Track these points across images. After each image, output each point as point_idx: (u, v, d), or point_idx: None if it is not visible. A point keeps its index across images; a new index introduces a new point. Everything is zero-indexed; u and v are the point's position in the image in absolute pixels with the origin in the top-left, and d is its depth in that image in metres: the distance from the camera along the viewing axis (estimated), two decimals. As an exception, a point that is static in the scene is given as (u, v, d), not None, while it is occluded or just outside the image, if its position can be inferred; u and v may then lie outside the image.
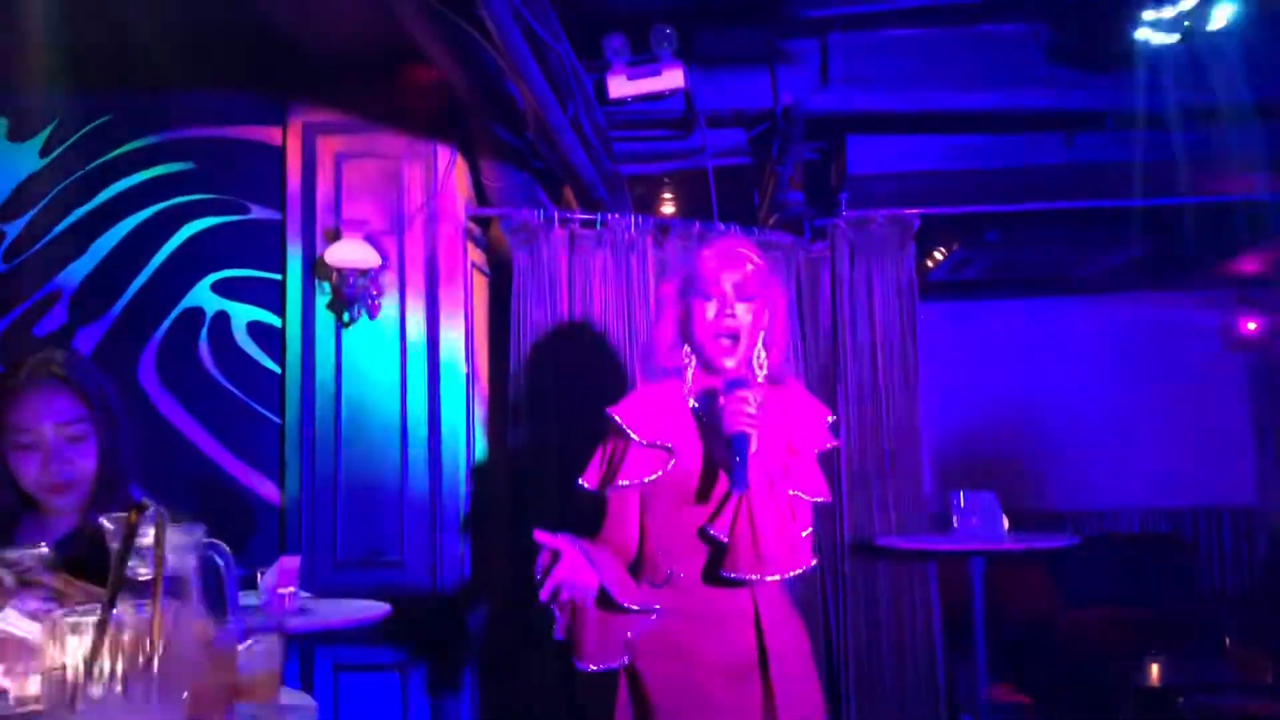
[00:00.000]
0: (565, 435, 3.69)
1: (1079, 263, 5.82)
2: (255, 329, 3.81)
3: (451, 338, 3.74)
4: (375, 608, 2.76)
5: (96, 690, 1.12)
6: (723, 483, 2.07)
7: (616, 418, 2.19)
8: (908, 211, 4.14)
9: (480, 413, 3.92)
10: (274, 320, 3.80)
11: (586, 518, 3.61)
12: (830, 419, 2.25)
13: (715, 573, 2.08)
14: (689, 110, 3.85)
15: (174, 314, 3.82)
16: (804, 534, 2.11)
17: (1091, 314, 6.83)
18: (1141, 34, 3.41)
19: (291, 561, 2.46)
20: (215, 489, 3.74)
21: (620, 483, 2.15)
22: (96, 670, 1.11)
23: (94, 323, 3.83)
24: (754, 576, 2.02)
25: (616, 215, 3.86)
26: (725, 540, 2.03)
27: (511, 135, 3.73)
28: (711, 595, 2.11)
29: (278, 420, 3.75)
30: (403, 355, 3.73)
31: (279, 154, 3.81)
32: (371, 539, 3.64)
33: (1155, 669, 4.98)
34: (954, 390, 6.52)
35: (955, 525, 3.89)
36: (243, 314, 3.82)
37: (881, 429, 4.05)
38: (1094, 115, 3.71)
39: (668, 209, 5.36)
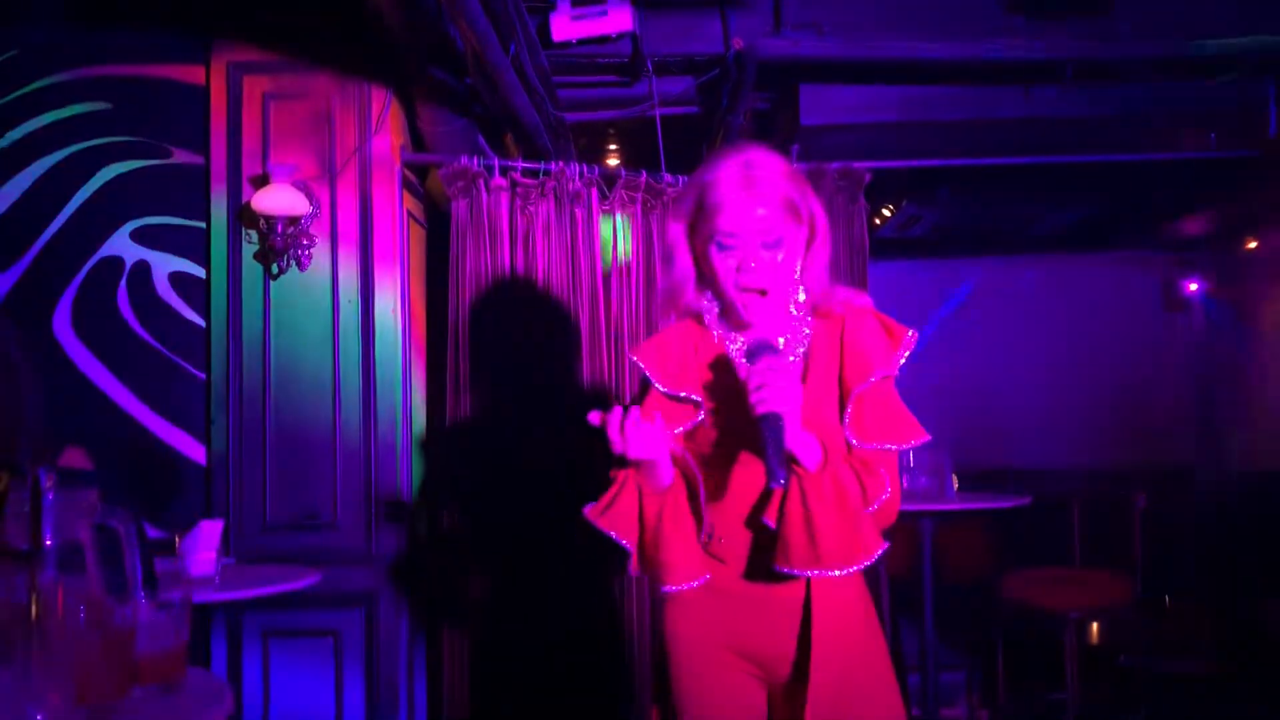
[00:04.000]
0: (506, 391, 3.55)
1: (1027, 222, 5.76)
2: (178, 280, 3.62)
3: (386, 290, 3.57)
4: (300, 575, 2.61)
5: (-35, 676, 0.98)
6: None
7: (638, 361, 1.89)
8: (859, 164, 4.04)
9: (417, 367, 3.77)
10: (198, 271, 3.60)
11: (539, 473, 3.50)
12: (909, 335, 1.81)
13: (762, 553, 1.78)
14: (636, 55, 3.68)
15: (91, 263, 3.61)
16: (874, 507, 1.72)
17: (1037, 274, 6.81)
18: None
19: (213, 526, 2.30)
20: (137, 448, 3.55)
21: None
22: (-36, 654, 0.97)
23: (4, 272, 3.61)
24: (810, 572, 1.70)
25: (561, 164, 3.70)
26: (774, 528, 1.72)
27: (451, 78, 3.55)
28: (754, 569, 1.81)
29: (203, 376, 3.57)
30: (335, 308, 3.55)
31: (202, 94, 3.60)
32: (303, 500, 3.48)
33: (1095, 628, 5.00)
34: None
35: (905, 485, 3.82)
36: (164, 264, 3.61)
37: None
38: (1052, 66, 3.61)
39: (613, 161, 5.21)
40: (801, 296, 1.85)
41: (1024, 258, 6.73)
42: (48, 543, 1.08)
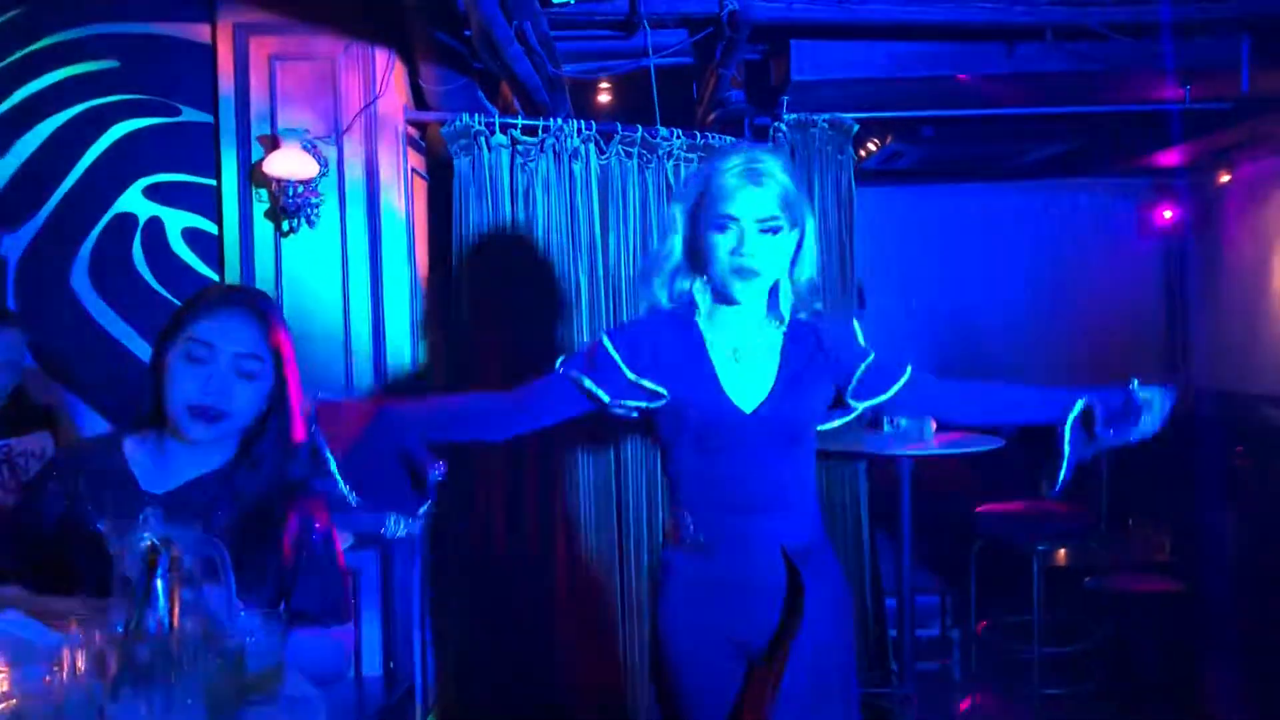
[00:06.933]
0: (508, 344, 3.72)
1: (1007, 157, 5.91)
2: (191, 235, 3.74)
3: (393, 246, 3.72)
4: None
5: (119, 704, 1.17)
6: (748, 428, 1.98)
7: (609, 345, 2.02)
8: (847, 115, 4.17)
9: (422, 321, 3.92)
10: (210, 227, 3.72)
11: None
12: (856, 326, 2.17)
13: (743, 540, 1.98)
14: (633, 13, 3.77)
15: (105, 219, 3.72)
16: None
17: (1015, 201, 6.96)
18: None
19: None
20: (157, 398, 3.71)
21: (581, 378, 2.02)
22: (120, 687, 1.17)
23: (20, 228, 3.72)
24: None
25: (559, 121, 3.81)
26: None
27: (451, 37, 3.64)
28: (735, 558, 1.99)
29: (218, 329, 3.70)
30: (344, 264, 3.69)
31: (209, 53, 3.67)
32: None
33: (1063, 551, 5.29)
34: (880, 273, 6.67)
35: (885, 427, 4.05)
36: (177, 220, 3.73)
37: (818, 333, 4.15)
38: (1034, 29, 3.74)
39: (604, 98, 5.28)
40: (788, 297, 2.05)
41: (1003, 185, 6.87)
42: (166, 577, 1.27)
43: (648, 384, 2.01)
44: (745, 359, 2.03)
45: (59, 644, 1.25)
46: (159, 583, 1.15)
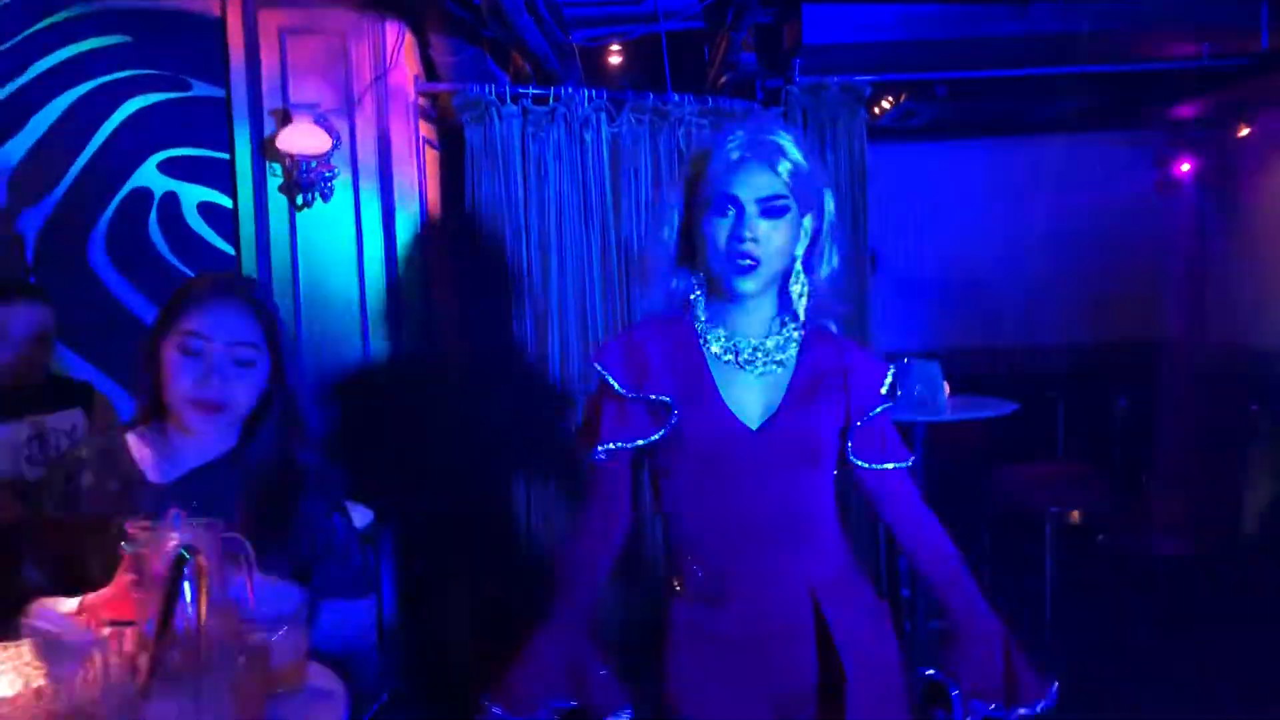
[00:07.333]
0: (519, 310, 3.74)
1: (1023, 113, 5.87)
2: (206, 209, 3.75)
3: (407, 217, 3.73)
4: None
5: (151, 703, 1.22)
6: (756, 447, 1.71)
7: (599, 367, 1.75)
8: (860, 78, 4.14)
9: (439, 292, 3.95)
10: (225, 201, 3.74)
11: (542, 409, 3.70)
12: (890, 374, 1.84)
13: (758, 579, 1.69)
14: (642, -23, 3.77)
15: (121, 194, 3.73)
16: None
17: (1032, 157, 6.90)
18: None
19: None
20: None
21: (602, 447, 1.73)
22: (151, 687, 1.21)
23: (37, 203, 3.74)
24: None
25: (569, 89, 3.80)
26: None
27: (460, 7, 3.63)
28: (756, 604, 1.71)
29: (235, 303, 3.74)
30: (359, 236, 3.71)
31: (219, 27, 3.67)
32: (335, 425, 3.70)
33: (1076, 511, 5.32)
34: (894, 230, 6.65)
35: (899, 392, 4.06)
36: (192, 194, 3.74)
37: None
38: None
39: (615, 60, 5.26)
40: (800, 297, 1.76)
41: (1018, 140, 6.81)
42: (193, 579, 1.31)
43: (653, 397, 1.72)
44: (751, 367, 1.75)
45: (91, 643, 1.29)
46: (186, 584, 1.19)
